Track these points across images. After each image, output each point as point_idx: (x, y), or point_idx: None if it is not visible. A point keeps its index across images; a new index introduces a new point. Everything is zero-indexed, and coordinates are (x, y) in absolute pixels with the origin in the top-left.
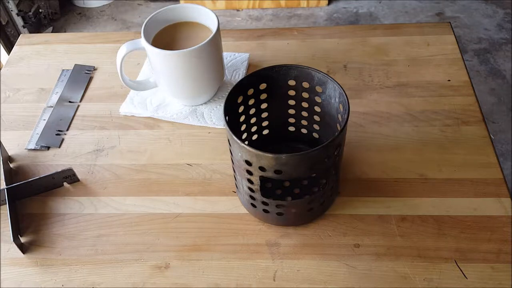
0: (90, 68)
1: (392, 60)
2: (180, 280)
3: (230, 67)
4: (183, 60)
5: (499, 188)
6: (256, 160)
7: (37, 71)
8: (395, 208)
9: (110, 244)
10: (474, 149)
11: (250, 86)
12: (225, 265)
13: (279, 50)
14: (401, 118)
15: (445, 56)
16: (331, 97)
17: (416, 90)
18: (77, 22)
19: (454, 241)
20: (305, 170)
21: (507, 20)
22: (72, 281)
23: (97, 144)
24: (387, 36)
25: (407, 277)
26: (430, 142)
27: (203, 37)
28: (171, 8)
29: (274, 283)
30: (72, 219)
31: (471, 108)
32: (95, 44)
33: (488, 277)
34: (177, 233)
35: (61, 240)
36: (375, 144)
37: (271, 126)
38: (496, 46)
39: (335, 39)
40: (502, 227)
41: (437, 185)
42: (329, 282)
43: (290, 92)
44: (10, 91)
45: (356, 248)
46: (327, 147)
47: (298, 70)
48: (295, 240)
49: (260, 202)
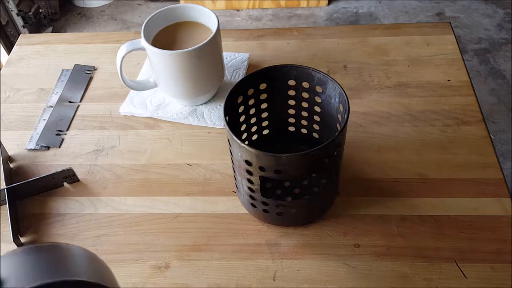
0: (90, 68)
1: (392, 60)
2: (180, 280)
3: (230, 67)
4: (183, 60)
5: (499, 188)
6: (256, 160)
7: (37, 71)
8: (395, 208)
9: (110, 244)
10: (474, 149)
11: (250, 86)
12: (225, 265)
13: (279, 50)
14: (401, 118)
15: (445, 56)
16: (331, 97)
17: (416, 90)
18: (77, 22)
19: (454, 241)
20: (305, 170)
21: (507, 20)
22: None
23: (97, 144)
24: (387, 36)
25: (407, 277)
26: (430, 142)
27: (203, 37)
28: (171, 8)
29: (274, 283)
30: (72, 219)
31: (471, 108)
32: (95, 44)
33: (488, 277)
34: (177, 233)
35: (61, 240)
36: (375, 144)
37: (271, 126)
38: (496, 46)
39: (335, 39)
40: (502, 227)
41: (437, 185)
42: (329, 282)
43: (290, 92)
44: (10, 91)
45: (356, 248)
46: (327, 147)
47: (298, 70)
48: (295, 240)
49: (260, 202)
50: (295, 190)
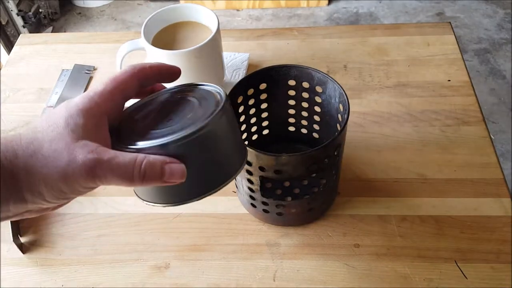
0: (90, 68)
1: (392, 60)
2: (180, 280)
3: (230, 67)
4: (183, 60)
5: (499, 188)
6: (256, 160)
7: (37, 71)
8: (395, 208)
9: (110, 244)
10: (474, 149)
11: (250, 86)
12: (225, 265)
13: (279, 50)
14: (401, 118)
15: (445, 56)
16: (331, 97)
17: (416, 90)
18: (77, 22)
19: (454, 241)
20: (305, 170)
21: (507, 20)
22: (72, 281)
23: None
24: (387, 36)
25: (407, 277)
26: (430, 142)
27: (203, 37)
28: (171, 8)
29: (274, 283)
30: (72, 219)
31: (471, 108)
32: (95, 44)
33: (488, 277)
34: (177, 233)
35: (61, 240)
36: (375, 144)
37: (271, 126)
38: (496, 46)
39: (335, 39)
40: (502, 227)
41: (437, 185)
42: (329, 282)
43: (290, 92)
44: (10, 91)
45: (356, 248)
46: (327, 147)
47: (298, 70)
48: (295, 240)
49: (260, 202)
50: (295, 190)
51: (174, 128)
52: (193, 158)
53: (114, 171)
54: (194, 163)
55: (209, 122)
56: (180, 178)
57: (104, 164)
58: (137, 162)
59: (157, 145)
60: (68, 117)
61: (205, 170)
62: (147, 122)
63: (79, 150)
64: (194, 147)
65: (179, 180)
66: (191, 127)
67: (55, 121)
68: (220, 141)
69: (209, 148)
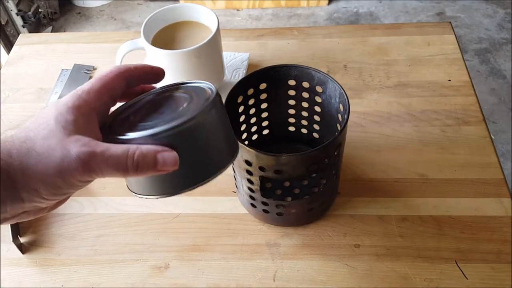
0: (89, 68)
1: (392, 60)
2: (180, 280)
3: (230, 67)
4: (183, 60)
5: (499, 188)
6: (256, 160)
7: (37, 70)
8: (395, 208)
9: (109, 244)
10: (474, 149)
11: (250, 86)
12: (225, 265)
13: (279, 50)
14: (401, 118)
15: (446, 56)
16: (331, 97)
17: (416, 90)
18: (76, 22)
19: (454, 241)
20: (305, 170)
21: (507, 20)
22: (72, 281)
23: None
24: (387, 36)
25: (408, 278)
26: (430, 142)
27: (203, 37)
28: (171, 7)
29: (274, 283)
30: (72, 219)
31: (471, 108)
32: (95, 44)
33: (488, 277)
34: (177, 233)
35: (61, 240)
36: (375, 144)
37: (271, 126)
38: (496, 46)
39: (335, 39)
40: (502, 227)
41: (438, 185)
42: (329, 282)
43: (290, 92)
44: (10, 91)
45: (356, 248)
46: (327, 147)
47: (298, 70)
48: (295, 240)
49: (260, 202)
50: (295, 190)
51: (166, 119)
52: (184, 148)
53: (109, 163)
54: (186, 153)
55: (199, 113)
56: (173, 166)
57: (98, 156)
58: (130, 152)
59: (148, 135)
60: (58, 115)
61: (196, 161)
62: (138, 116)
63: (72, 145)
64: (184, 137)
65: (172, 168)
66: (182, 118)
67: (46, 120)
68: (211, 132)
69: (199, 138)
